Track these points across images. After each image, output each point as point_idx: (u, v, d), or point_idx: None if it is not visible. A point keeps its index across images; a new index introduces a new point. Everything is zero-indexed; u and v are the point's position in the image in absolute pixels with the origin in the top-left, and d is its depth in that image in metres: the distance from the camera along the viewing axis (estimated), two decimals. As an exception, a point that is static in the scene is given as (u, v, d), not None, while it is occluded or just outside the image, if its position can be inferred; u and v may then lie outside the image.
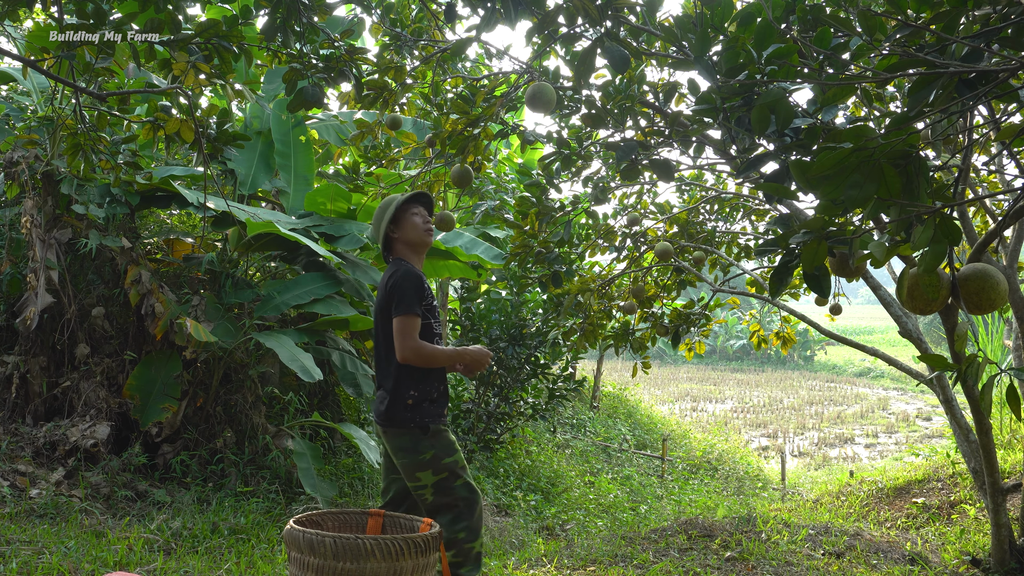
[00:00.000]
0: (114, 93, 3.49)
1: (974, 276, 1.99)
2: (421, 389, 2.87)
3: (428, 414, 2.86)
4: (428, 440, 2.84)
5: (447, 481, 2.83)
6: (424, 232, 3.02)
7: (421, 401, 2.86)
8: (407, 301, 2.80)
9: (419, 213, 3.02)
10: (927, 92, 1.81)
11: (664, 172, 3.13)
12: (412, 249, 3.02)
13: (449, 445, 2.87)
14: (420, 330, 2.84)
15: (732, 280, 5.99)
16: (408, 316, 2.79)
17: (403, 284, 2.84)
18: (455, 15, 3.39)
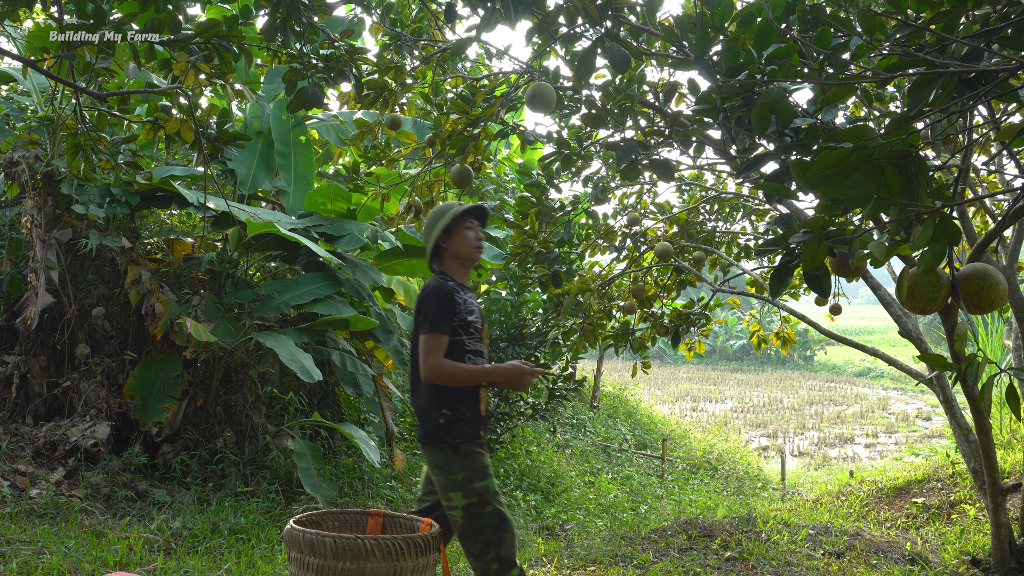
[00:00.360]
0: (114, 93, 3.49)
1: (974, 276, 1.99)
2: (453, 408, 2.77)
3: (461, 434, 2.77)
4: (459, 461, 2.75)
5: (476, 507, 2.75)
6: (475, 248, 2.92)
7: (454, 421, 2.77)
8: (430, 318, 2.73)
9: (473, 227, 2.92)
10: (927, 92, 1.81)
11: (664, 172, 3.13)
12: (460, 262, 2.92)
13: (481, 469, 2.76)
14: (449, 347, 2.75)
15: (732, 280, 5.99)
16: (430, 334, 2.72)
17: (428, 301, 2.77)
18: (455, 15, 3.39)
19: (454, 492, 2.77)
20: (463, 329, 2.80)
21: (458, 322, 2.79)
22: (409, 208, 4.56)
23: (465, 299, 2.83)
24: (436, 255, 2.94)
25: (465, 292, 2.86)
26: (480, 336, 2.88)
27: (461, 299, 2.81)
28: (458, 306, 2.79)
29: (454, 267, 2.92)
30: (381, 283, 6.35)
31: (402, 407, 7.01)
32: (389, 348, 6.20)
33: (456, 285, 2.85)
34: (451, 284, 2.84)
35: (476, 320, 2.86)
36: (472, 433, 2.79)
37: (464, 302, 2.82)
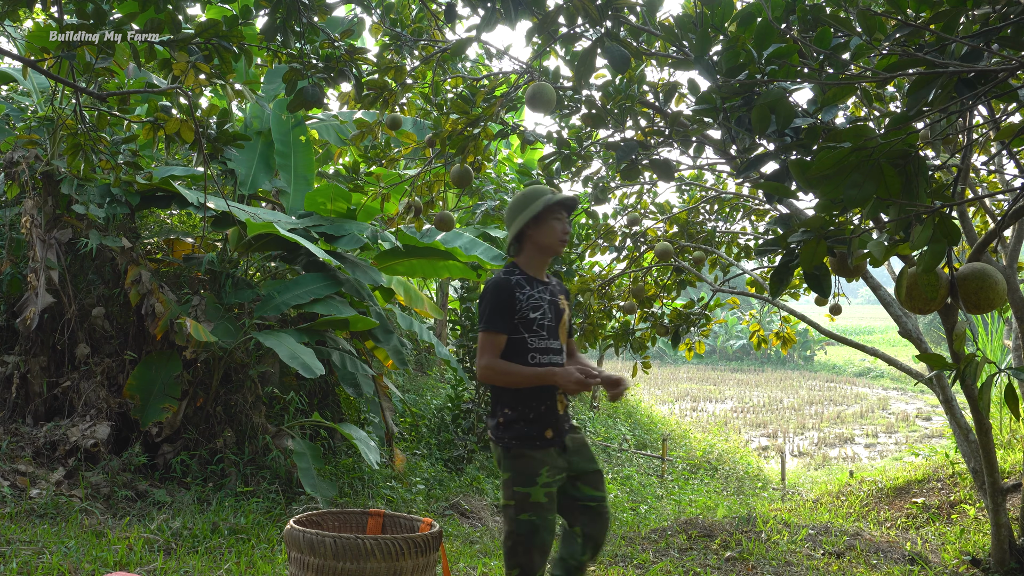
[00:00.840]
0: (114, 93, 3.49)
1: (973, 276, 1.99)
2: (515, 408, 2.68)
3: (518, 435, 2.67)
4: (509, 461, 2.67)
5: (512, 510, 2.65)
6: (560, 240, 2.79)
7: (514, 421, 2.68)
8: (486, 316, 2.67)
9: (562, 219, 2.79)
10: (926, 92, 1.81)
11: (664, 172, 3.13)
12: (540, 252, 2.79)
13: (528, 475, 2.64)
14: (510, 345, 2.68)
15: (732, 280, 5.99)
16: (486, 332, 2.65)
17: (485, 297, 2.70)
18: (455, 15, 3.39)
19: (501, 491, 2.72)
20: (525, 327, 2.70)
21: (520, 320, 2.69)
22: (409, 208, 4.56)
23: (531, 294, 2.73)
24: (518, 240, 2.81)
25: (534, 286, 2.75)
26: (550, 333, 2.74)
27: (524, 295, 2.71)
28: (519, 303, 2.69)
29: (532, 256, 2.80)
30: (381, 283, 6.36)
31: (402, 407, 7.02)
32: (389, 348, 6.20)
33: (523, 279, 2.74)
34: (516, 278, 2.73)
35: (542, 317, 2.73)
36: (532, 434, 2.68)
37: (528, 297, 2.71)
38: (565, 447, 2.76)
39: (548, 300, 2.77)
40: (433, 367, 11.19)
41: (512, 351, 2.69)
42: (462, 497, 6.51)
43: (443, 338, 10.85)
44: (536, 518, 2.63)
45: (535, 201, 2.75)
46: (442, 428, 8.06)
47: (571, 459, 2.77)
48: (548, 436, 2.70)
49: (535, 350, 2.71)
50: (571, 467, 2.77)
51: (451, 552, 4.78)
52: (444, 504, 6.28)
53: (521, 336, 2.69)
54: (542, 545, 2.65)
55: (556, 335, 2.77)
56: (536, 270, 2.81)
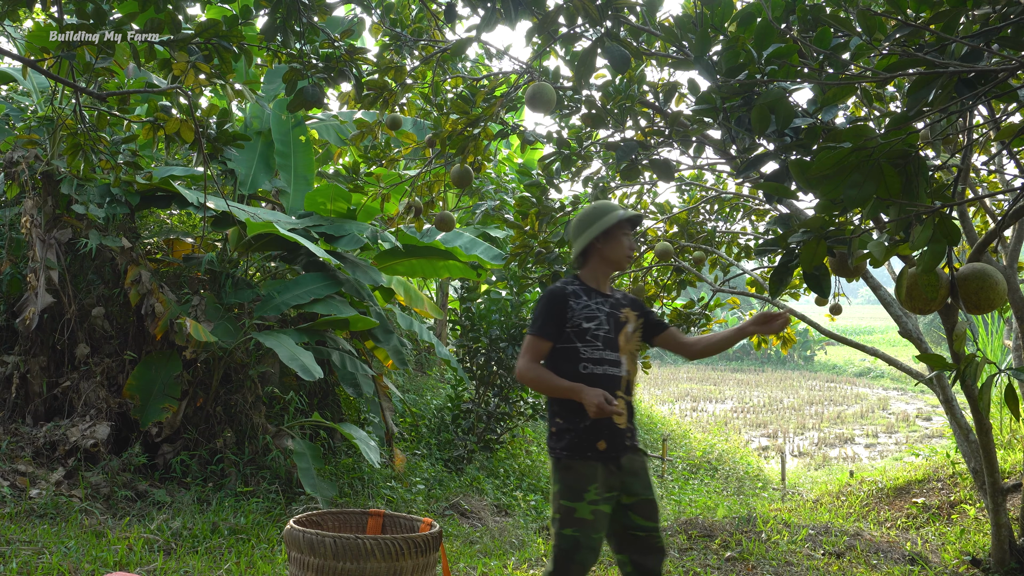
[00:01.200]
0: (114, 93, 3.49)
1: (973, 276, 1.99)
2: (567, 418, 2.68)
3: (569, 445, 2.65)
4: (559, 472, 2.67)
5: (556, 523, 2.64)
6: (626, 256, 2.83)
7: (565, 430, 2.67)
8: (535, 321, 2.71)
9: (629, 235, 2.83)
10: (927, 92, 1.81)
11: (664, 172, 3.13)
12: (606, 266, 2.82)
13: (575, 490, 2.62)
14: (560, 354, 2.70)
15: (732, 280, 5.99)
16: (531, 336, 2.70)
17: (539, 304, 2.75)
18: (455, 15, 3.39)
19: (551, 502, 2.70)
20: (578, 336, 2.70)
21: (572, 328, 2.70)
22: (409, 208, 4.56)
23: (588, 304, 2.74)
24: (585, 253, 2.84)
25: (592, 297, 2.77)
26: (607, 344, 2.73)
27: (579, 304, 2.73)
28: (571, 312, 2.70)
29: (596, 269, 2.83)
30: (381, 283, 6.36)
31: (402, 407, 7.02)
32: (389, 348, 6.20)
33: (581, 289, 2.77)
34: (572, 288, 2.76)
35: (597, 327, 2.73)
36: (582, 444, 2.65)
37: (584, 307, 2.73)
38: (620, 465, 2.71)
39: (607, 312, 2.77)
40: (433, 367, 11.19)
41: (563, 359, 2.70)
42: (462, 497, 6.51)
43: (443, 338, 10.85)
44: (579, 534, 2.60)
45: (606, 215, 2.77)
46: (442, 428, 8.06)
47: (626, 480, 2.72)
48: (600, 448, 2.66)
49: (587, 360, 2.70)
50: (624, 489, 2.72)
51: (451, 552, 4.78)
52: (444, 504, 6.28)
53: (573, 345, 2.70)
54: (581, 563, 2.61)
55: (614, 346, 2.75)
56: (598, 283, 2.83)
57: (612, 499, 2.69)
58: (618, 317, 2.80)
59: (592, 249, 2.81)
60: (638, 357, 2.87)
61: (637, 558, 2.72)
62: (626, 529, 2.72)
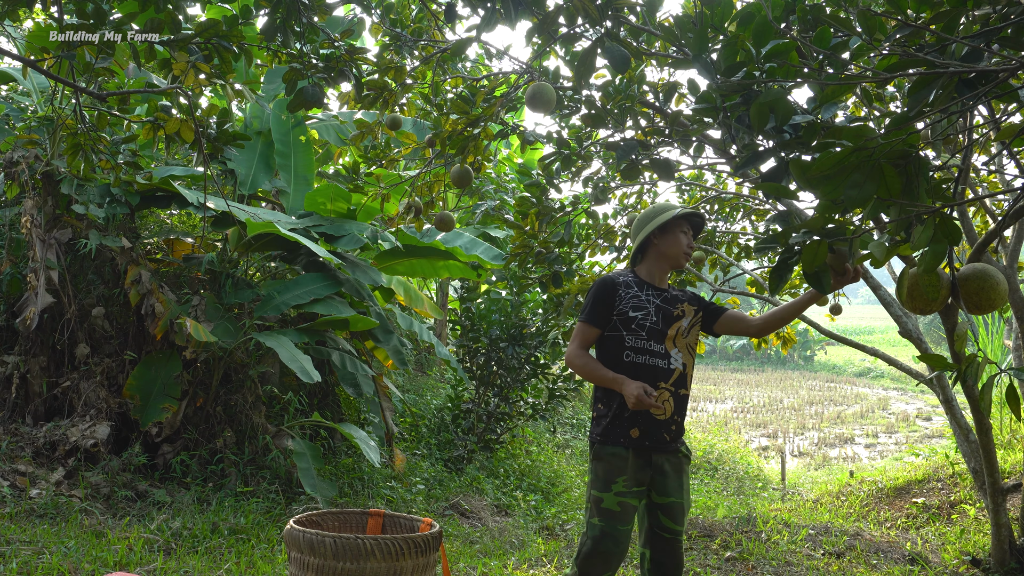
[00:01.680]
0: (114, 93, 3.49)
1: (974, 276, 1.99)
2: (606, 403, 2.73)
3: (605, 432, 2.70)
4: (592, 463, 2.73)
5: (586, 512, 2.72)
6: (684, 253, 2.86)
7: (602, 416, 2.73)
8: (585, 308, 2.79)
9: (687, 233, 2.88)
10: (927, 92, 1.81)
11: (664, 172, 3.13)
12: (663, 262, 2.87)
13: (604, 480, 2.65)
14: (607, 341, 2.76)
15: (732, 280, 5.99)
16: (580, 323, 2.78)
17: (589, 291, 2.82)
18: (455, 15, 3.38)
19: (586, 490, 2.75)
20: (624, 325, 2.74)
21: (618, 316, 2.75)
22: (409, 208, 4.56)
23: (637, 295, 2.78)
24: (642, 249, 2.90)
25: (644, 289, 2.81)
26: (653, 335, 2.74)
27: (629, 294, 2.77)
28: (619, 300, 2.75)
29: (654, 265, 2.87)
30: (381, 283, 6.36)
31: (402, 407, 7.01)
32: (389, 348, 6.20)
33: (633, 280, 2.82)
34: (623, 279, 2.81)
35: (644, 318, 2.75)
36: (619, 432, 2.68)
37: (633, 297, 2.77)
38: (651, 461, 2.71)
39: (657, 304, 2.79)
40: (433, 367, 11.19)
41: (609, 346, 2.76)
42: (462, 497, 6.51)
43: (443, 338, 10.84)
44: (604, 524, 2.63)
45: (665, 212, 2.84)
46: (442, 428, 8.06)
47: (658, 479, 2.72)
48: (634, 436, 2.68)
49: (631, 348, 2.73)
50: (656, 488, 2.72)
51: (451, 552, 4.78)
52: (444, 504, 6.28)
53: (619, 333, 2.75)
54: (605, 554, 2.62)
55: (661, 340, 2.76)
56: (655, 278, 2.87)
57: (642, 493, 2.71)
58: (670, 311, 2.81)
59: (649, 244, 2.88)
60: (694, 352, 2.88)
61: (659, 557, 2.74)
62: (653, 527, 2.75)
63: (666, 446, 2.73)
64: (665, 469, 2.73)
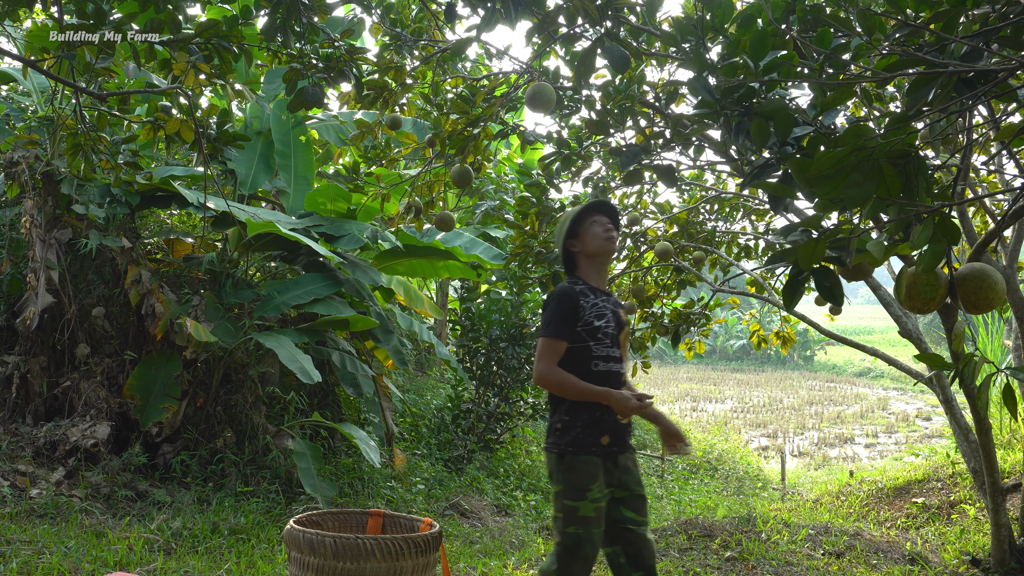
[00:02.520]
0: (114, 93, 3.49)
1: (972, 276, 1.99)
2: (574, 412, 2.69)
3: (575, 441, 2.66)
4: (561, 473, 2.67)
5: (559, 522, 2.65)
6: (605, 241, 2.81)
7: (569, 428, 2.68)
8: (550, 323, 2.68)
9: (598, 221, 2.83)
10: (926, 91, 1.81)
11: (667, 177, 3.13)
12: (593, 262, 2.84)
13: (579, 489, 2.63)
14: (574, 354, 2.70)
15: (732, 280, 5.99)
16: (547, 339, 2.67)
17: (550, 305, 2.72)
18: (455, 15, 3.39)
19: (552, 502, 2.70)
20: (589, 335, 2.71)
21: (583, 327, 2.70)
22: (409, 208, 4.56)
23: (595, 302, 2.75)
24: (569, 260, 2.88)
25: (598, 295, 2.79)
26: (613, 341, 2.77)
27: (589, 303, 2.73)
28: (583, 311, 2.71)
29: (588, 268, 2.84)
30: (381, 283, 6.36)
31: (402, 407, 7.02)
32: (389, 348, 6.20)
33: (586, 288, 2.77)
34: (579, 288, 2.76)
35: (606, 325, 2.75)
36: (588, 439, 2.67)
37: (593, 306, 2.74)
38: (617, 462, 2.74)
39: (611, 310, 2.81)
40: (433, 367, 11.19)
41: (576, 358, 2.70)
42: (462, 497, 6.52)
43: (443, 338, 10.85)
44: (582, 531, 2.63)
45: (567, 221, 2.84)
46: (442, 428, 8.06)
47: (621, 477, 2.75)
48: (604, 443, 2.69)
49: (598, 357, 2.72)
50: (618, 485, 2.74)
51: (451, 552, 4.78)
52: (444, 504, 6.28)
53: (586, 344, 2.71)
54: (585, 558, 2.64)
55: (618, 343, 2.79)
56: (597, 280, 2.85)
57: (610, 494, 2.72)
58: (620, 315, 2.85)
59: (571, 255, 2.86)
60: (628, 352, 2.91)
61: (631, 551, 2.73)
62: (616, 523, 2.74)
63: (627, 446, 2.78)
64: (627, 466, 2.77)
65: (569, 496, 2.63)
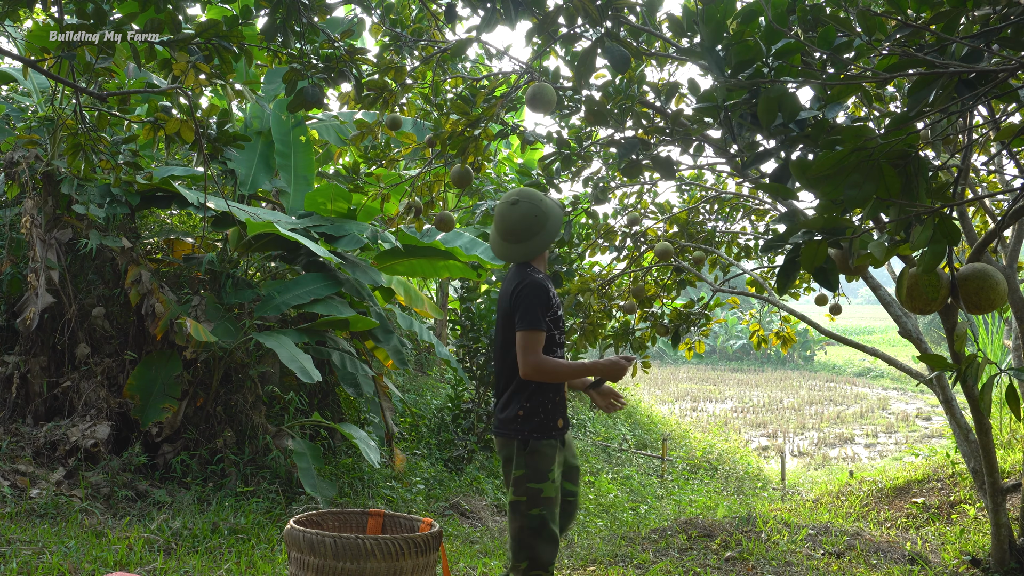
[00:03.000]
0: (114, 93, 3.49)
1: (973, 276, 1.99)
2: (535, 399, 2.77)
3: (538, 426, 2.75)
4: (524, 457, 2.73)
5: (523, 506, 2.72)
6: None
7: (532, 414, 2.76)
8: (532, 315, 2.71)
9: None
10: (927, 92, 1.81)
11: (666, 170, 3.13)
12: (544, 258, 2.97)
13: (542, 471, 2.72)
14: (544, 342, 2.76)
15: (732, 280, 5.99)
16: (532, 331, 2.70)
17: (531, 296, 2.74)
18: (455, 15, 3.39)
19: (512, 487, 2.77)
20: (554, 324, 2.81)
21: (551, 317, 2.79)
22: (409, 208, 4.56)
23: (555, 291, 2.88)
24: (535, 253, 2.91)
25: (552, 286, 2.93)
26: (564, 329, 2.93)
27: (553, 293, 2.83)
28: (552, 301, 2.80)
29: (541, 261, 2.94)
30: (381, 283, 6.36)
31: (402, 407, 7.02)
32: (389, 348, 6.20)
33: (548, 278, 2.89)
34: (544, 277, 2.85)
35: (562, 315, 2.92)
36: (548, 424, 2.77)
37: (555, 296, 2.85)
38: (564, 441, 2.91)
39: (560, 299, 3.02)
40: (433, 367, 11.19)
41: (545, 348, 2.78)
42: (462, 497, 6.51)
43: (443, 338, 10.84)
44: (546, 512, 2.71)
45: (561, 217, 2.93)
46: (442, 428, 8.06)
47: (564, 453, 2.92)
48: (560, 426, 2.83)
49: (557, 345, 2.86)
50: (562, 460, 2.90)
51: (451, 552, 4.78)
52: (444, 504, 6.28)
53: (552, 333, 2.81)
54: (551, 536, 2.73)
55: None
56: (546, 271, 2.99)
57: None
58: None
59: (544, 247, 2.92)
60: None
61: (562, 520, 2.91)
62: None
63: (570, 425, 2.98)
64: (568, 441, 2.96)
65: (533, 479, 2.72)
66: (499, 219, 2.90)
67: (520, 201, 2.87)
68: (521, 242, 2.87)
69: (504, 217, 2.88)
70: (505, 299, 2.84)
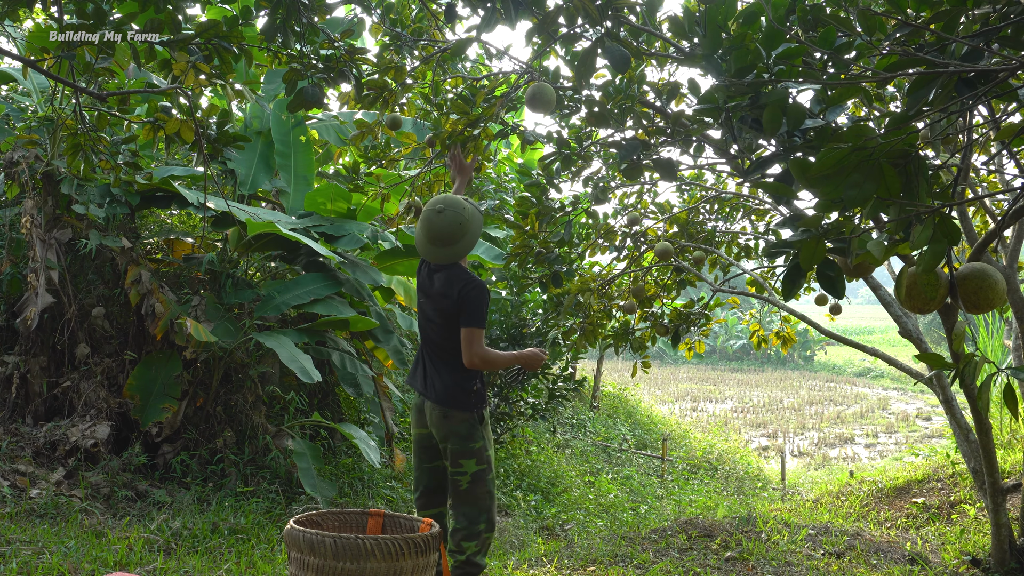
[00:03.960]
0: (114, 93, 3.49)
1: (972, 275, 1.99)
2: (480, 380, 3.19)
3: (485, 402, 3.17)
4: (481, 430, 3.12)
5: (484, 473, 3.12)
6: None
7: (481, 391, 3.17)
8: (480, 314, 3.10)
9: None
10: (927, 91, 1.81)
11: (667, 171, 3.12)
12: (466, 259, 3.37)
13: (491, 440, 3.19)
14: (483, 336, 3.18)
15: (732, 280, 5.98)
16: (479, 328, 3.09)
17: (478, 298, 3.10)
18: (455, 15, 3.38)
19: (467, 460, 3.12)
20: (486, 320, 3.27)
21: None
22: (409, 208, 4.56)
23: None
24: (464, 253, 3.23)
25: None
26: None
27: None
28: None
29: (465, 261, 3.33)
30: (381, 283, 6.36)
31: (402, 407, 7.02)
32: (389, 348, 6.20)
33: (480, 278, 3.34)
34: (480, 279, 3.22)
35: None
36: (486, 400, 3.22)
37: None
38: None
39: None
40: (433, 367, 11.17)
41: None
42: (462, 497, 6.50)
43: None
44: (493, 476, 3.18)
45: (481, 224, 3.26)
46: (442, 428, 8.05)
47: None
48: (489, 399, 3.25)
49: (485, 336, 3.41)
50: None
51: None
52: (444, 504, 6.26)
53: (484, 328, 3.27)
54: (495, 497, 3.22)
55: None
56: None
57: None
58: None
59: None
60: None
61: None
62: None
63: None
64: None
65: (488, 446, 3.16)
66: (427, 225, 3.15)
67: (446, 209, 3.13)
68: (447, 246, 3.15)
69: (431, 223, 3.14)
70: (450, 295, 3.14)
